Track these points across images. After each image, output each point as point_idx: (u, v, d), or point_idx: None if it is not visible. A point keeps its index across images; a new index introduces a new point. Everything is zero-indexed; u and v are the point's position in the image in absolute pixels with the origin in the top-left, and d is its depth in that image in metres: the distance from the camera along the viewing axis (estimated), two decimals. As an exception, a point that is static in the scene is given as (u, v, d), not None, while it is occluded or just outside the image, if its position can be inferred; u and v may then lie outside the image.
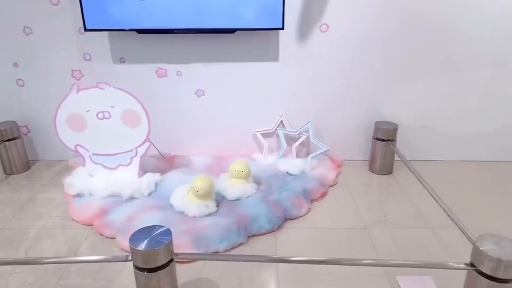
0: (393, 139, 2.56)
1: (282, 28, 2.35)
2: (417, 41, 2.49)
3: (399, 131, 2.62)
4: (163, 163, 2.60)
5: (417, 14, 2.42)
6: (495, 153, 2.78)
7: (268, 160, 2.64)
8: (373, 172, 2.64)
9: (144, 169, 2.40)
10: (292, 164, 2.54)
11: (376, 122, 2.60)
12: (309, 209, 2.20)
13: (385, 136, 2.54)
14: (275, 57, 2.55)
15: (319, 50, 2.52)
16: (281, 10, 2.30)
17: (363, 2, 2.41)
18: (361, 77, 2.58)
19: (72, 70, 2.58)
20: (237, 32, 2.40)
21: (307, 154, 2.66)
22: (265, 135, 2.74)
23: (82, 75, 2.59)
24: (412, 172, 2.13)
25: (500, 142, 2.74)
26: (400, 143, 2.68)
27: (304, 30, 2.48)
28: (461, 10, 2.41)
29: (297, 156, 2.67)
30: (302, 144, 2.71)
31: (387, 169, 2.61)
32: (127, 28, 2.33)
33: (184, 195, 2.13)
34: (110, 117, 2.25)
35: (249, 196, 2.22)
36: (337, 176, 2.56)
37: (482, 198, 2.32)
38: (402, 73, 2.57)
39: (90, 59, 2.55)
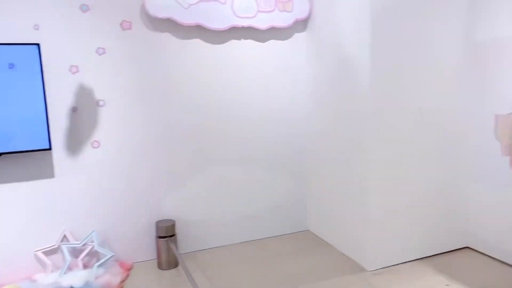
0: (173, 234, 2.85)
1: (50, 149, 2.52)
2: (179, 145, 2.97)
3: (180, 225, 2.95)
4: None
5: (175, 123, 2.94)
6: (262, 232, 3.33)
7: (50, 279, 2.57)
8: (161, 269, 2.83)
9: None
10: (76, 277, 2.54)
11: (157, 221, 2.88)
12: (86, 321, 2.21)
13: (165, 233, 2.82)
14: (50, 174, 2.66)
15: (94, 164, 2.75)
16: (46, 132, 2.49)
17: (128, 120, 2.81)
18: (137, 183, 2.88)
19: None
20: (4, 155, 2.45)
21: (96, 263, 2.71)
22: (49, 252, 2.69)
23: None
24: (180, 264, 2.40)
25: (264, 221, 3.33)
26: (183, 236, 2.99)
27: (77, 147, 2.70)
28: (218, 110, 3.05)
29: (86, 267, 2.69)
30: (90, 254, 2.75)
31: (173, 264, 2.84)
32: None
33: None
34: None
35: (18, 323, 2.11)
36: (124, 281, 2.65)
37: (249, 275, 2.72)
38: (172, 174, 2.98)
39: None
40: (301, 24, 3.23)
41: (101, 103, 2.74)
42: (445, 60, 2.78)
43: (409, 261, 2.81)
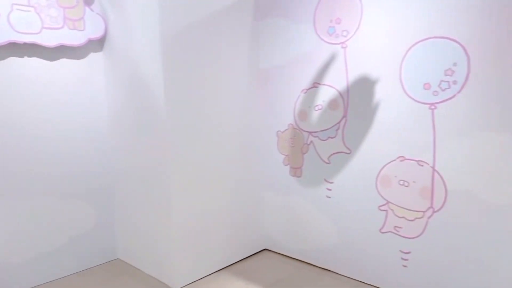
0: None
1: None
2: None
3: None
4: None
5: None
6: (64, 269, 3.00)
7: None
8: None
9: None
10: None
11: None
12: None
13: None
14: None
15: None
16: None
17: None
18: None
19: None
20: None
21: None
22: None
23: None
24: None
25: (65, 256, 3.01)
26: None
27: None
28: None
29: None
30: None
31: None
32: None
33: None
34: None
35: None
36: None
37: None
38: None
39: None
40: (97, 44, 3.10)
41: None
42: (235, 84, 3.08)
43: (214, 272, 2.97)
